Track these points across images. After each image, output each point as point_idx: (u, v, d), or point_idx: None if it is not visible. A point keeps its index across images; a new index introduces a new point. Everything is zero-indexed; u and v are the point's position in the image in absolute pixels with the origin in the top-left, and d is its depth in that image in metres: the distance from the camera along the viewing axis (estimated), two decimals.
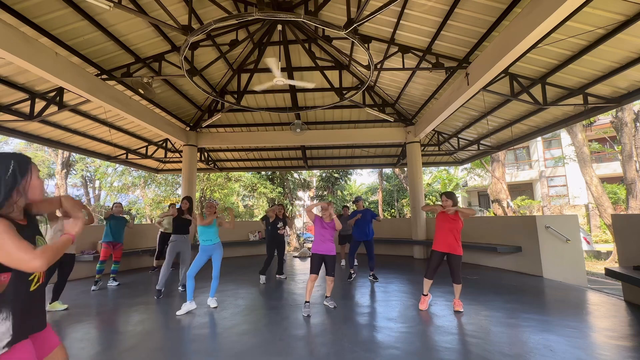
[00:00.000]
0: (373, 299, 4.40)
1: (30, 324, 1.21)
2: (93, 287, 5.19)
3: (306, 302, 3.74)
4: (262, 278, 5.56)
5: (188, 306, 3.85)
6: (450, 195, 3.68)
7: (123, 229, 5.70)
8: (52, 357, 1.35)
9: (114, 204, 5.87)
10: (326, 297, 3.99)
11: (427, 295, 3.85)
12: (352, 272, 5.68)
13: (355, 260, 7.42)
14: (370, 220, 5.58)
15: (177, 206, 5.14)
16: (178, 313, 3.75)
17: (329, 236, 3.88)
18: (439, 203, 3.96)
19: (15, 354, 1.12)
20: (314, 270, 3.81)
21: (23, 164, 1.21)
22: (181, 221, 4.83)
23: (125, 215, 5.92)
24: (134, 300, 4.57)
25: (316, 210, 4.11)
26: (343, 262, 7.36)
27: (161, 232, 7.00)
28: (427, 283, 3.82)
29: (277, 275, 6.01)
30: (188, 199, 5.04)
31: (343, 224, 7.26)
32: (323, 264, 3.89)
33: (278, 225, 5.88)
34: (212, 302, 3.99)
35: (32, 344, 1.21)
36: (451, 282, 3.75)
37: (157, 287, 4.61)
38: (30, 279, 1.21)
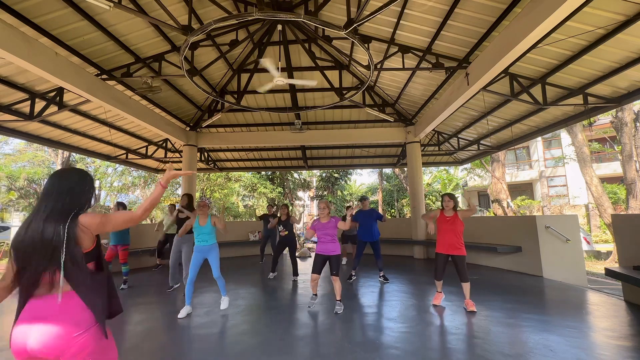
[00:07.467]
0: (373, 299, 4.40)
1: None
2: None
3: (314, 294, 4.05)
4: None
5: (186, 310, 3.80)
6: (452, 197, 3.85)
7: (124, 230, 5.63)
8: None
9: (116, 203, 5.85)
10: (337, 300, 3.85)
11: (440, 292, 3.99)
12: (353, 274, 5.67)
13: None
14: (375, 220, 5.52)
15: (177, 206, 5.15)
16: (179, 316, 3.71)
17: (330, 237, 3.89)
18: (437, 207, 4.01)
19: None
20: (316, 270, 3.91)
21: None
22: (184, 221, 4.84)
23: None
24: (134, 300, 4.57)
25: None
26: (344, 262, 7.34)
27: (164, 233, 6.97)
28: (438, 284, 3.97)
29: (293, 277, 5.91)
30: (188, 195, 5.12)
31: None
32: (327, 264, 3.91)
33: (279, 228, 5.89)
34: (224, 303, 3.98)
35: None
36: (452, 282, 3.76)
37: (170, 284, 5.06)
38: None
